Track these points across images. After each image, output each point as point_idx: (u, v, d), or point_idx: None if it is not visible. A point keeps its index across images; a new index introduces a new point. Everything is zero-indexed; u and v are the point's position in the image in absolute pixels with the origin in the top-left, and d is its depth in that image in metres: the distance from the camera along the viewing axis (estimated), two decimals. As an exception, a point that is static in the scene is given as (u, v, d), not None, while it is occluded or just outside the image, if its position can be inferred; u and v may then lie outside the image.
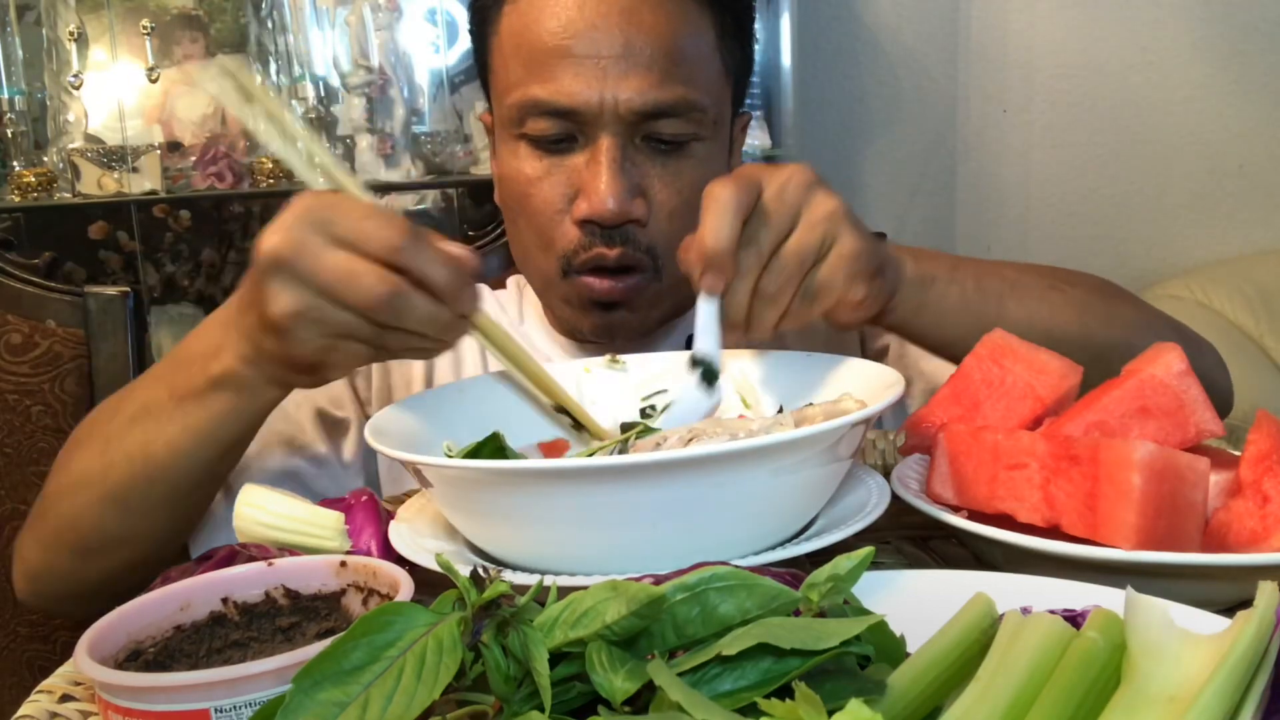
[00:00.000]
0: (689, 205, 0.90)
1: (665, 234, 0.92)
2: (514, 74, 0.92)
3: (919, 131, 2.67)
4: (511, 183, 0.95)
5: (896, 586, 0.53)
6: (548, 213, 0.93)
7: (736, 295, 0.72)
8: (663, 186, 0.92)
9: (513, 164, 0.95)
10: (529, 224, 0.95)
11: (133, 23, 2.06)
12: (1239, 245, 2.67)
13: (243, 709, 0.43)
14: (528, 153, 0.93)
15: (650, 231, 0.92)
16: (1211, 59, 2.61)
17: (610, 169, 0.89)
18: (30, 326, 1.24)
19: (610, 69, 0.88)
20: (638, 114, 0.89)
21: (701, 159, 0.94)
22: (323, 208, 0.65)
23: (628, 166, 0.90)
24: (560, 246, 0.93)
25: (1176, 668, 0.38)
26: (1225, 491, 0.59)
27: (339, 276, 0.64)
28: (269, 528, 0.63)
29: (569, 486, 0.54)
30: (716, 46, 0.95)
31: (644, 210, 0.91)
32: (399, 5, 2.16)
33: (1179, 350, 0.62)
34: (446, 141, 2.19)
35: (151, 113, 2.11)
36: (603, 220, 0.90)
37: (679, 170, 0.92)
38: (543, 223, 0.93)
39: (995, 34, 2.63)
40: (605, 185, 0.89)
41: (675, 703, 0.35)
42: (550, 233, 0.93)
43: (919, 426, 0.69)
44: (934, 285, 0.84)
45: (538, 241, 0.95)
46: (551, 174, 0.92)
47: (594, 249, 0.91)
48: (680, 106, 0.90)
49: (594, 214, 0.89)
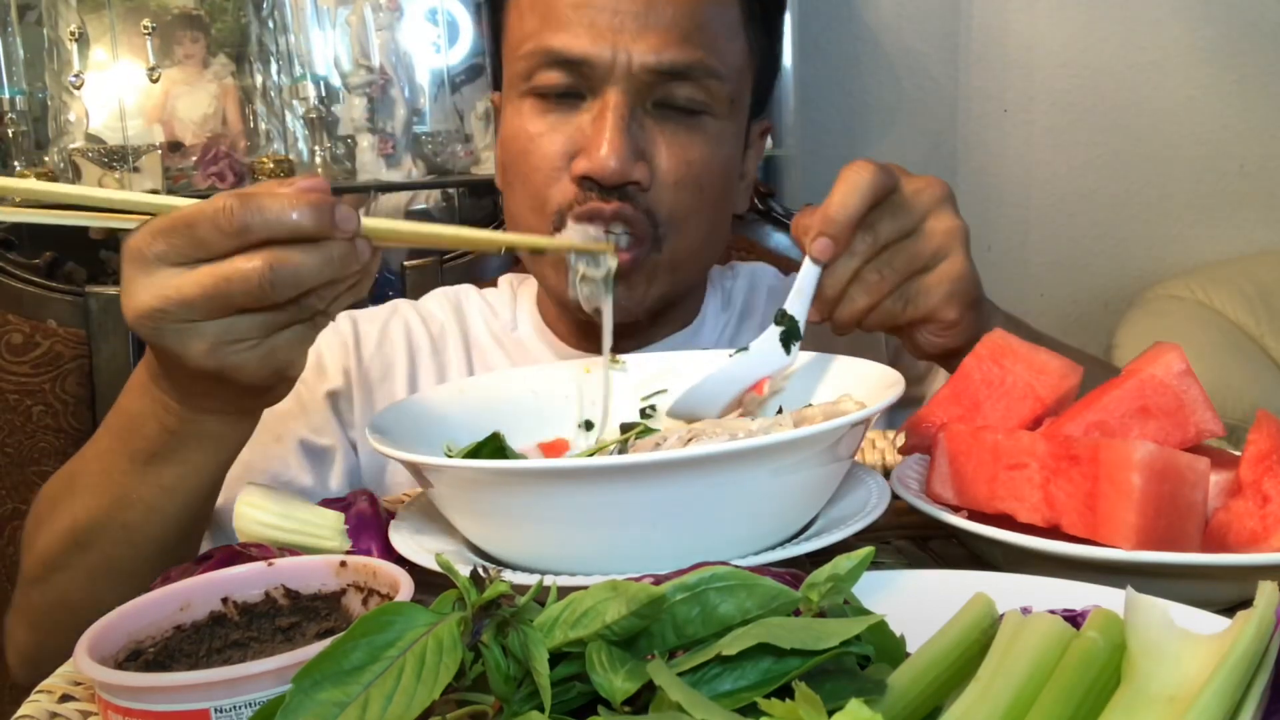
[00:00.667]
0: (696, 181, 0.89)
1: (668, 204, 0.89)
2: (529, 25, 0.89)
3: (919, 131, 2.67)
4: (513, 142, 0.91)
5: (896, 586, 0.53)
6: (545, 169, 0.88)
7: (838, 272, 0.73)
8: (669, 154, 0.88)
9: (516, 122, 0.91)
10: (525, 185, 0.90)
11: (133, 23, 2.06)
12: (1239, 245, 2.67)
13: (243, 709, 0.43)
14: (533, 109, 0.90)
15: (651, 198, 0.88)
16: (1211, 59, 2.61)
17: (615, 126, 0.85)
18: (31, 326, 1.24)
19: (628, 23, 0.85)
20: (651, 72, 0.86)
21: (713, 136, 0.90)
22: (148, 241, 0.60)
23: (634, 127, 0.87)
24: (555, 203, 0.88)
25: (1176, 668, 0.38)
26: (1225, 491, 0.59)
27: (215, 290, 0.59)
28: (269, 527, 0.63)
29: (569, 486, 0.54)
30: (741, 25, 0.92)
31: (645, 174, 0.87)
32: (400, 5, 2.16)
33: (1179, 350, 0.62)
34: (447, 141, 2.19)
35: (152, 112, 2.11)
36: (602, 177, 0.85)
37: (688, 142, 0.89)
38: (539, 180, 0.89)
39: (996, 34, 2.63)
40: (608, 141, 0.85)
41: (675, 703, 0.35)
42: (545, 191, 0.89)
43: (919, 426, 0.69)
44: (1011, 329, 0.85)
45: (531, 203, 0.90)
46: (555, 130, 0.88)
47: (589, 204, 0.86)
48: (696, 70, 0.87)
49: (593, 170, 0.85)
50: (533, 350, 1.04)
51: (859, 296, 0.74)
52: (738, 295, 1.09)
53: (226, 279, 0.58)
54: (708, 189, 0.91)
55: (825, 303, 0.74)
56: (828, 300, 0.74)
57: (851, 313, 0.74)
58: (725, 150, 0.92)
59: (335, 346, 1.01)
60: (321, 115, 2.13)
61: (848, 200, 0.71)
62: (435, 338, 1.05)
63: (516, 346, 1.05)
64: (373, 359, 1.01)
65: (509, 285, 1.10)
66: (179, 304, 0.59)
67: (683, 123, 0.89)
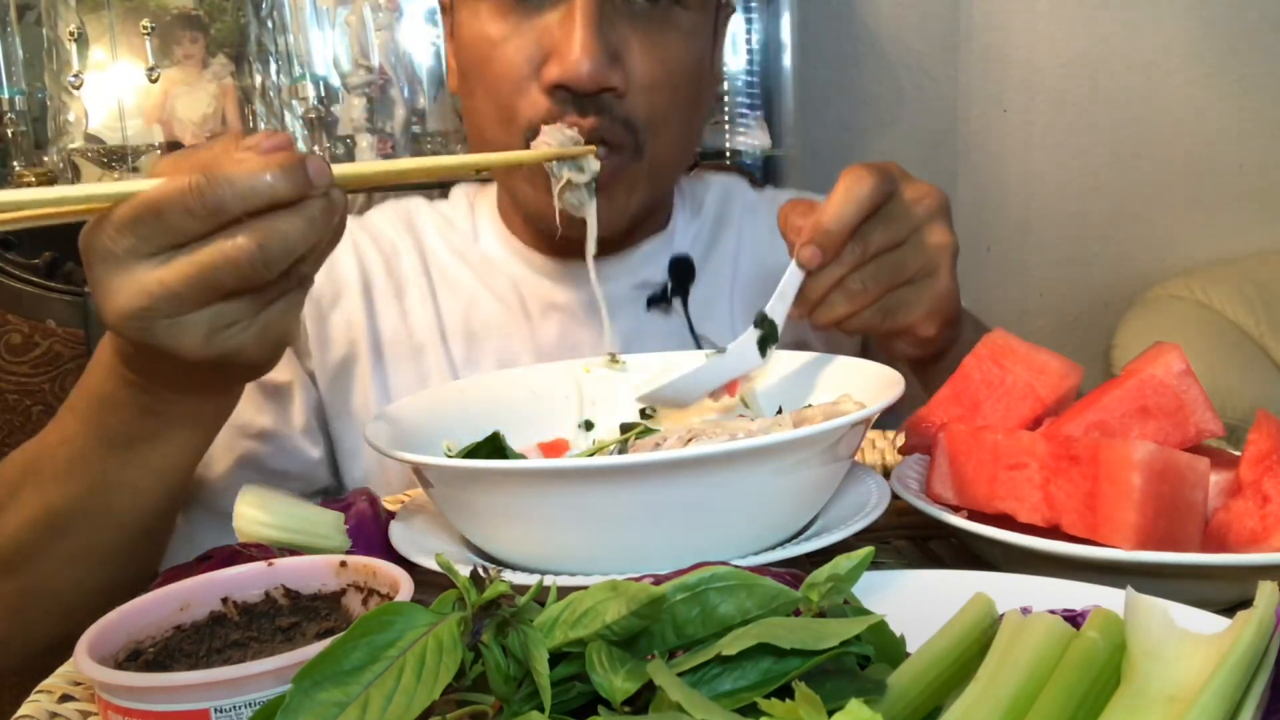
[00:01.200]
0: (671, 81, 0.85)
1: (645, 108, 0.83)
2: None
3: (919, 131, 2.67)
4: (471, 49, 0.84)
5: (896, 586, 0.53)
6: (512, 78, 0.82)
7: (823, 278, 0.72)
8: (643, 54, 0.82)
9: (473, 26, 0.83)
10: (489, 96, 0.83)
11: (133, 23, 2.06)
12: (1239, 245, 2.67)
13: (243, 709, 0.43)
14: (492, 10, 0.82)
15: (628, 105, 0.82)
16: (1211, 59, 2.61)
17: (586, 27, 0.78)
18: (30, 326, 1.24)
19: None
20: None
21: (686, 32, 0.85)
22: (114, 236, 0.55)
23: (605, 28, 0.80)
24: (525, 117, 0.82)
25: (1176, 668, 0.38)
26: (1225, 491, 0.59)
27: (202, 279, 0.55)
28: (269, 527, 0.63)
29: (569, 486, 0.54)
30: None
31: (621, 80, 0.81)
32: (399, 5, 2.16)
33: (1179, 350, 0.62)
34: (447, 141, 2.19)
35: (151, 113, 2.11)
36: (576, 85, 0.79)
37: (661, 40, 0.83)
38: (506, 90, 0.82)
39: (996, 34, 2.63)
40: (580, 45, 0.78)
41: (675, 703, 0.35)
42: (514, 102, 0.82)
43: (919, 426, 0.69)
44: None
45: (498, 115, 0.84)
46: (518, 34, 0.81)
47: (566, 118, 0.80)
48: None
49: (566, 77, 0.79)
50: (498, 263, 0.99)
51: (840, 304, 0.73)
52: (710, 204, 1.06)
53: (213, 265, 0.54)
54: (683, 89, 0.86)
55: (805, 304, 0.74)
56: (808, 302, 0.74)
57: (831, 317, 0.74)
58: (698, 45, 0.88)
59: None
60: (321, 115, 2.13)
61: (844, 211, 0.71)
62: (388, 256, 0.99)
63: (482, 260, 0.99)
64: (322, 285, 0.95)
65: (464, 195, 1.04)
66: (165, 299, 0.55)
67: (655, 18, 0.83)
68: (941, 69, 2.64)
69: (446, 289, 0.99)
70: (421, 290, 0.98)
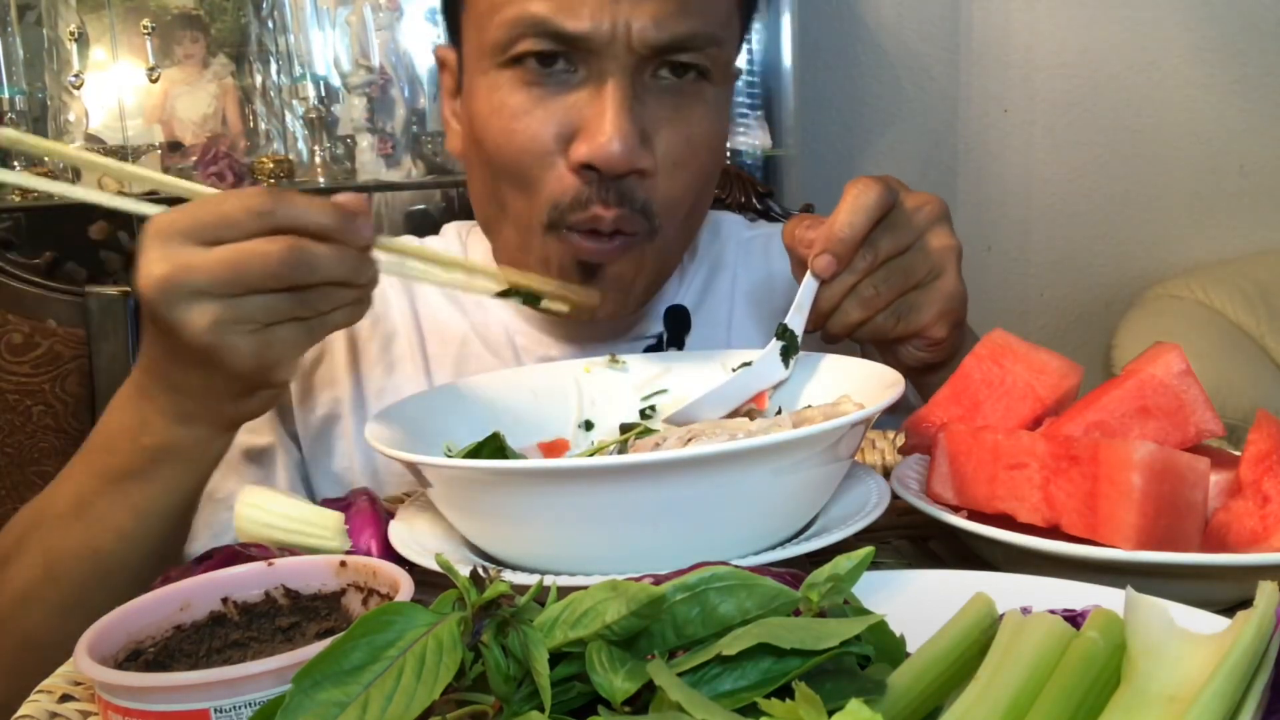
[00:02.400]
0: (695, 158, 0.84)
1: (666, 191, 0.82)
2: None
3: (919, 131, 2.67)
4: (490, 118, 0.82)
5: (896, 586, 0.53)
6: (536, 151, 0.80)
7: (836, 287, 0.75)
8: (671, 133, 0.81)
9: (492, 97, 0.81)
10: (509, 166, 0.82)
11: (133, 23, 2.06)
12: (1239, 245, 2.67)
13: (243, 709, 0.43)
14: (513, 83, 0.80)
15: (651, 186, 0.82)
16: (1211, 59, 2.61)
17: (619, 108, 0.77)
18: (31, 326, 1.24)
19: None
20: (651, 47, 0.78)
21: (711, 104, 0.84)
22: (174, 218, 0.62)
23: (636, 108, 0.79)
24: (550, 192, 0.81)
25: (1176, 668, 0.38)
26: (1225, 491, 0.59)
27: (232, 265, 0.61)
28: (269, 528, 0.63)
29: (569, 486, 0.54)
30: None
31: (651, 161, 0.80)
32: (399, 5, 2.16)
33: (1179, 350, 0.62)
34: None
35: (152, 112, 2.11)
36: (607, 168, 0.78)
37: (689, 116, 0.82)
38: (528, 163, 0.80)
39: (996, 34, 2.63)
40: (613, 126, 0.77)
41: (675, 703, 0.35)
42: (537, 175, 0.81)
43: (919, 426, 0.69)
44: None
45: (518, 185, 0.82)
46: (543, 107, 0.80)
47: (591, 209, 0.80)
48: (699, 40, 0.80)
49: (596, 159, 0.77)
50: (492, 307, 0.96)
51: (854, 311, 0.75)
52: (703, 247, 1.05)
53: (246, 254, 0.61)
54: (706, 165, 0.86)
55: (819, 315, 0.76)
56: (822, 313, 0.76)
57: (844, 325, 0.76)
58: (722, 121, 0.87)
59: None
60: (321, 115, 2.14)
61: (855, 220, 0.72)
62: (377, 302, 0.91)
63: (473, 301, 0.97)
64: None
65: (456, 234, 1.03)
66: (193, 272, 0.61)
67: (684, 93, 0.82)
68: (941, 69, 2.64)
69: (436, 338, 0.96)
70: (410, 340, 0.95)
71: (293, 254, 0.61)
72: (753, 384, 0.74)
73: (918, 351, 0.80)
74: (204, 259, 0.61)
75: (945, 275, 0.77)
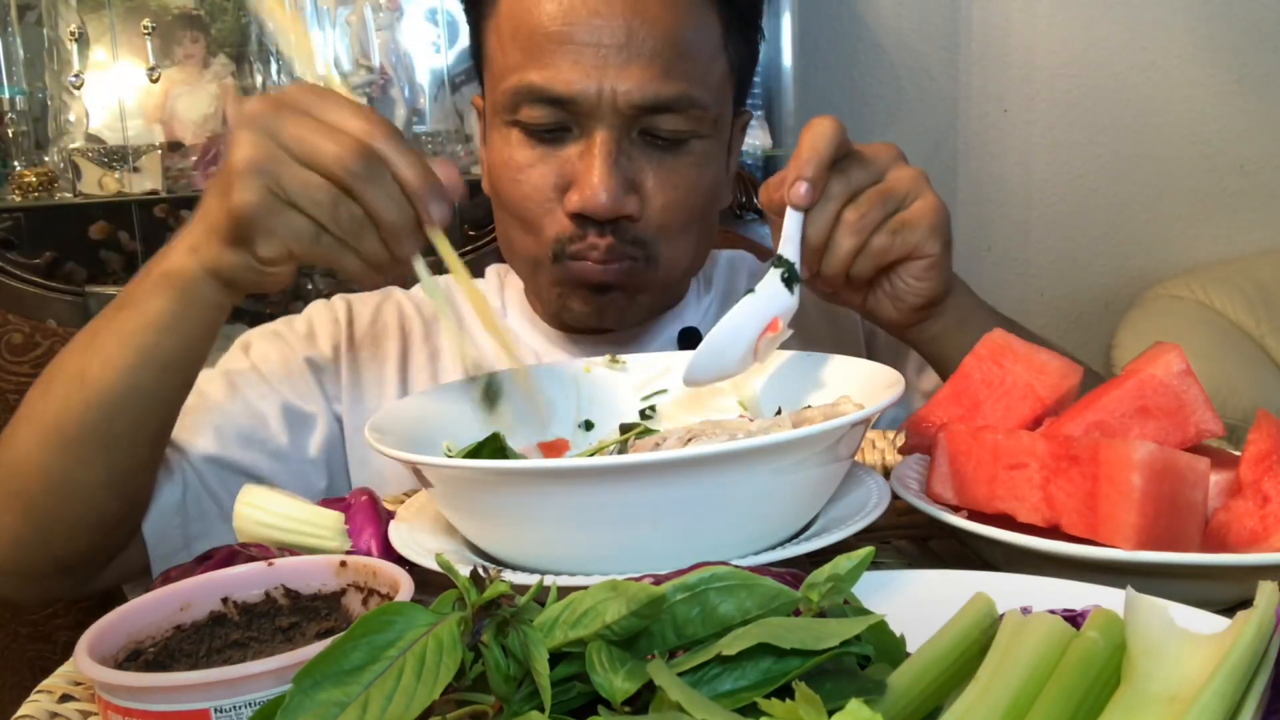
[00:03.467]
0: (685, 202, 0.92)
1: (657, 226, 0.91)
2: (511, 58, 0.90)
3: (919, 131, 2.67)
4: (502, 169, 0.93)
5: (896, 586, 0.53)
6: (537, 199, 0.91)
7: (819, 218, 0.76)
8: (657, 183, 0.90)
9: (504, 151, 0.93)
10: (517, 211, 0.93)
11: (133, 23, 2.06)
12: (1239, 245, 2.67)
13: (243, 709, 0.43)
14: (520, 140, 0.91)
15: (642, 226, 0.91)
16: (1211, 59, 2.61)
17: (604, 163, 0.87)
18: (31, 326, 1.24)
19: (611, 58, 0.86)
20: (636, 107, 0.87)
21: (699, 156, 0.92)
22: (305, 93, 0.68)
23: (623, 161, 0.89)
24: (551, 233, 0.91)
25: (1176, 668, 0.38)
26: (1225, 491, 0.59)
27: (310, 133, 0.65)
28: (269, 528, 0.63)
29: (569, 486, 0.54)
30: (722, 43, 0.94)
31: (636, 207, 0.89)
32: (400, 5, 2.16)
33: (1179, 350, 0.62)
34: (447, 141, 2.19)
35: (152, 112, 2.11)
36: (595, 215, 0.88)
37: (675, 167, 0.91)
38: (532, 209, 0.91)
39: (996, 34, 2.63)
40: (599, 179, 0.87)
41: (675, 703, 0.35)
42: (540, 219, 0.92)
43: (919, 426, 0.69)
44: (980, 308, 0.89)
45: (525, 227, 0.93)
46: (543, 162, 0.90)
47: (586, 239, 0.90)
48: (681, 102, 0.89)
49: (586, 208, 0.87)
50: (523, 335, 1.05)
51: (844, 239, 0.77)
52: (718, 279, 1.12)
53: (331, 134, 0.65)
54: (696, 206, 0.94)
55: (812, 251, 0.77)
56: (814, 248, 0.77)
57: (840, 257, 0.77)
58: (712, 168, 0.95)
59: (327, 322, 1.02)
60: (321, 115, 2.13)
61: (817, 144, 0.75)
62: (428, 322, 1.06)
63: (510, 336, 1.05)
64: (364, 339, 1.02)
65: (496, 275, 1.12)
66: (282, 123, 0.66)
67: (669, 150, 0.91)
68: (941, 69, 2.64)
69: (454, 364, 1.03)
70: (452, 356, 1.03)
71: (363, 160, 0.65)
72: (761, 311, 0.73)
73: (916, 281, 0.81)
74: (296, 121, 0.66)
75: (924, 195, 0.79)
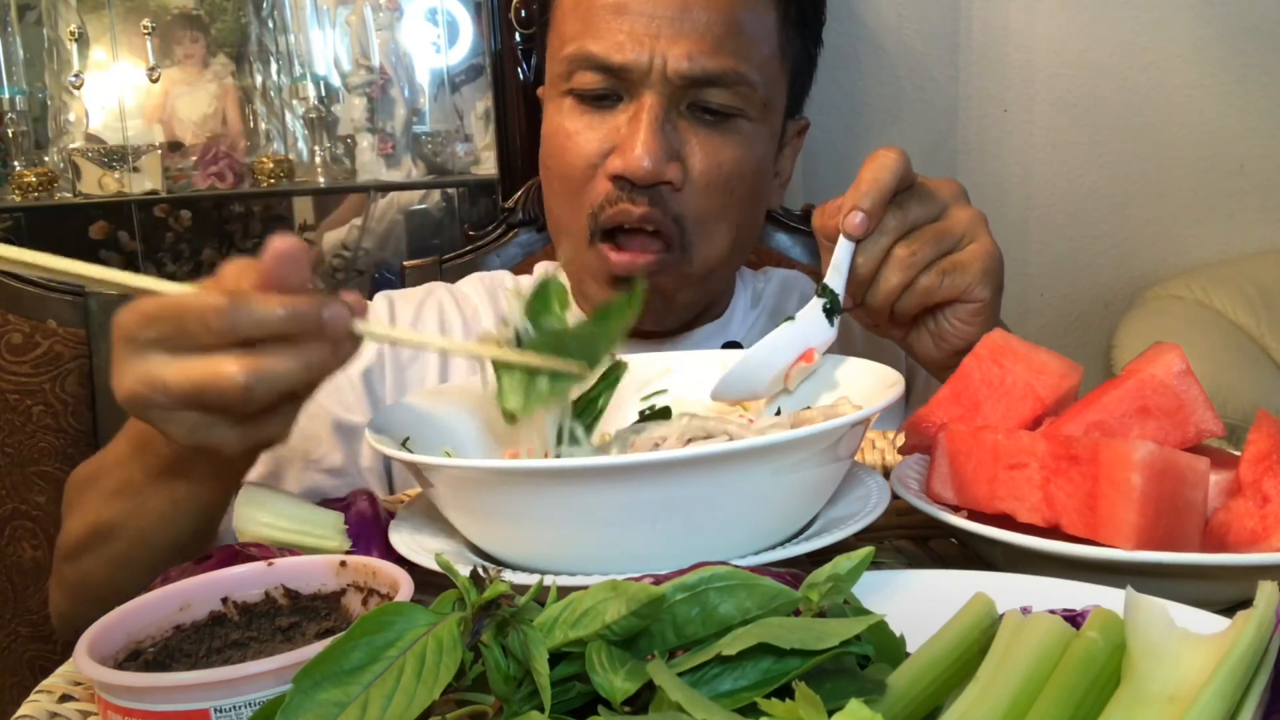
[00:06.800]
0: (726, 182, 0.92)
1: (696, 206, 0.92)
2: (570, 28, 0.93)
3: (919, 131, 2.67)
4: (552, 138, 0.95)
5: (896, 586, 0.53)
6: (580, 165, 0.92)
7: (871, 249, 0.75)
8: (702, 155, 0.91)
9: (556, 120, 0.95)
10: (562, 181, 0.94)
11: (133, 23, 2.06)
12: (1239, 245, 2.66)
13: (243, 709, 0.43)
14: (572, 108, 0.93)
15: (682, 199, 0.91)
16: (1211, 59, 2.61)
17: (649, 127, 0.88)
18: (31, 326, 1.24)
19: (663, 29, 0.89)
20: (685, 78, 0.89)
21: (746, 137, 0.93)
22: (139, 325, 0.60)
23: (668, 129, 0.90)
24: (589, 201, 0.92)
25: (1176, 668, 0.38)
26: (1225, 491, 0.59)
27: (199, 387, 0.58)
28: (269, 527, 0.63)
29: (569, 486, 0.54)
30: (777, 29, 0.95)
31: (678, 174, 0.90)
32: (400, 5, 2.16)
33: (1179, 350, 0.62)
34: (447, 141, 2.19)
35: (152, 112, 2.11)
36: (635, 177, 0.89)
37: (720, 144, 0.92)
38: (575, 176, 0.93)
39: (996, 34, 2.63)
40: (642, 141, 0.88)
41: (675, 703, 0.35)
42: (581, 186, 0.93)
43: (919, 426, 0.69)
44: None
45: (568, 199, 0.94)
46: (591, 129, 0.92)
47: (620, 204, 0.90)
48: (729, 77, 0.90)
49: (627, 169, 0.88)
50: None
51: (892, 274, 0.76)
52: (768, 297, 1.12)
53: (205, 383, 0.58)
54: (738, 189, 0.94)
55: (859, 283, 0.76)
56: (861, 279, 0.76)
57: (885, 291, 0.76)
58: (758, 152, 0.95)
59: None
60: (321, 115, 2.13)
61: (879, 176, 0.74)
62: (469, 320, 1.06)
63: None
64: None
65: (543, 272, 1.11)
66: (162, 393, 0.59)
67: (716, 125, 0.92)
68: (941, 69, 2.64)
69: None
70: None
71: (248, 389, 0.57)
72: (799, 340, 0.74)
73: (962, 324, 0.80)
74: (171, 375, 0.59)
75: (980, 239, 0.79)
